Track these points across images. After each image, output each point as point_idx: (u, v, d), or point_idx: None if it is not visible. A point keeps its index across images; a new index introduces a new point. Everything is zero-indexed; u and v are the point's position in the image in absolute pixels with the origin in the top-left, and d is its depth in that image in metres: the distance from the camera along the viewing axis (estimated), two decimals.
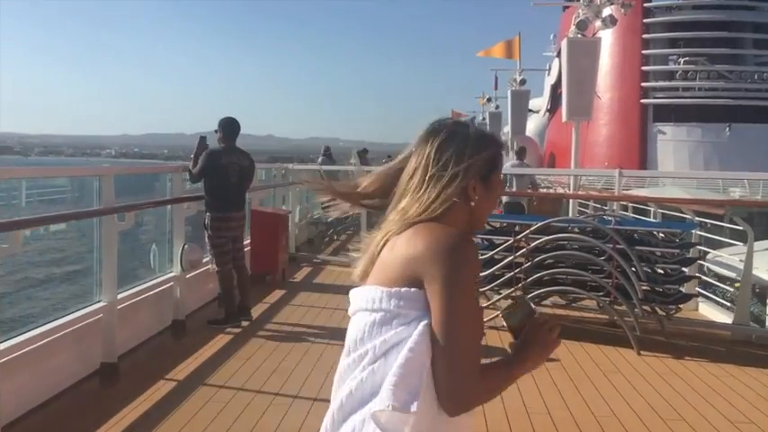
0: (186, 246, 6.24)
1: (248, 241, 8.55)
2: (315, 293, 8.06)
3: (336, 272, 9.56)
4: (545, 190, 20.47)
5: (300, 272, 9.53)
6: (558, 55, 52.66)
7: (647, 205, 9.50)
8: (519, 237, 6.15)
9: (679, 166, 39.37)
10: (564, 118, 11.00)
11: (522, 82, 19.56)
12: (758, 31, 43.28)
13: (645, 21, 42.93)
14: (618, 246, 5.70)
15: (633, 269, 5.63)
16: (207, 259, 6.58)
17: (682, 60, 42.96)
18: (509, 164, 17.72)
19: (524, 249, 6.11)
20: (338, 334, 6.59)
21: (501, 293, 6.37)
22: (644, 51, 43.35)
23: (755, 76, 42.25)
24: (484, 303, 6.58)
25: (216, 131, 6.46)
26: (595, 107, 42.83)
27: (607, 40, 48.80)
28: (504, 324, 1.61)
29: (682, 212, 8.23)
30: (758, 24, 43.33)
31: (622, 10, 11.02)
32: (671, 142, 41.70)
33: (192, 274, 6.53)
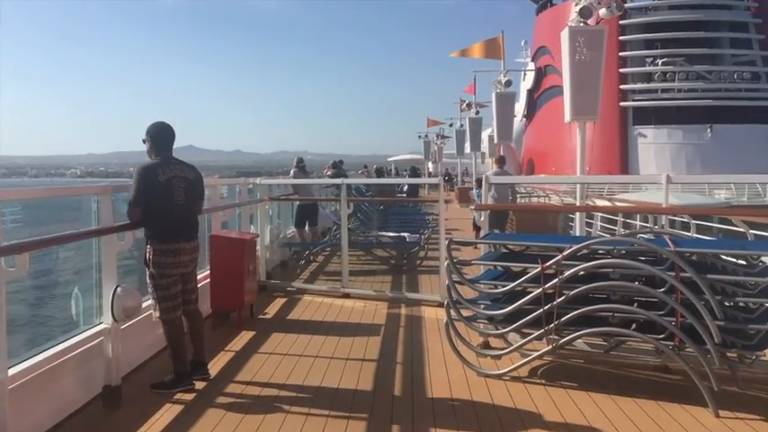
0: (119, 289, 4.78)
1: (206, 272, 7.11)
2: (290, 334, 6.63)
3: (315, 303, 8.15)
4: (525, 200, 19.35)
5: (272, 305, 8.08)
6: (534, 59, 52.15)
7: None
8: (550, 263, 4.78)
9: (661, 169, 38.53)
10: (567, 118, 9.69)
11: (508, 83, 18.35)
12: (735, 30, 42.88)
13: (621, 22, 42.25)
14: (683, 274, 4.37)
15: (705, 304, 4.28)
16: (148, 303, 5.13)
17: (660, 62, 42.32)
18: (490, 172, 16.54)
19: (556, 280, 4.76)
20: (321, 394, 5.12)
21: (528, 335, 5.01)
22: (621, 53, 42.64)
23: (734, 76, 41.74)
24: (507, 348, 5.23)
25: (144, 141, 5.04)
26: None
27: None
28: None
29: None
30: (734, 23, 42.95)
31: None
32: (652, 145, 40.97)
33: (129, 323, 5.06)
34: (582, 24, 9.64)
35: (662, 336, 4.49)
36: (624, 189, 20.39)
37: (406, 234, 11.69)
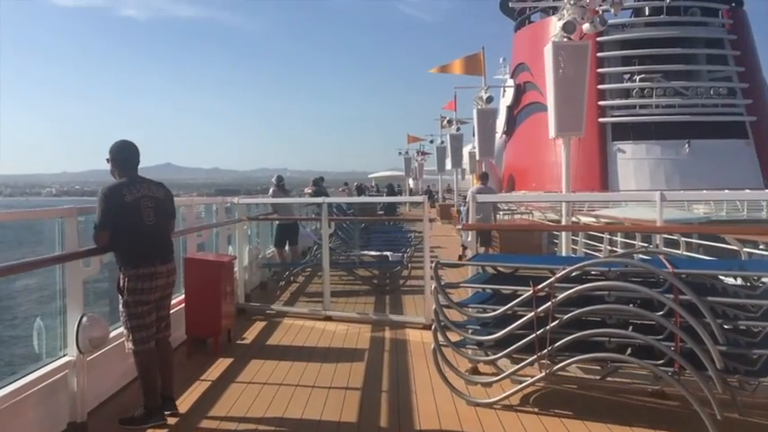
0: (84, 318, 4.47)
1: (180, 297, 6.79)
2: (270, 361, 6.33)
3: (296, 326, 7.86)
4: (508, 217, 19.21)
5: (251, 329, 7.77)
6: (513, 76, 52.42)
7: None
8: (542, 286, 4.56)
9: (640, 185, 38.80)
10: (551, 134, 9.54)
11: (489, 100, 18.26)
12: (710, 46, 43.43)
13: (598, 39, 42.57)
14: (682, 296, 4.16)
15: (706, 328, 4.07)
16: (119, 332, 4.81)
17: (637, 78, 42.69)
18: (473, 189, 16.40)
19: (549, 303, 4.53)
20: (303, 427, 4.65)
21: (519, 361, 4.77)
22: (599, 69, 42.93)
23: (711, 92, 42.20)
24: (497, 376, 4.98)
25: (108, 161, 4.76)
26: None
27: None
28: None
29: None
30: (710, 40, 43.51)
31: (611, 10, 9.67)
32: (631, 161, 41.19)
33: (96, 354, 4.75)
34: (565, 39, 9.54)
35: (661, 361, 4.27)
36: (605, 204, 20.33)
37: (388, 253, 11.45)
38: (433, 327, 5.11)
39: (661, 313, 4.23)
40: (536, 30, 48.74)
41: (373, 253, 11.71)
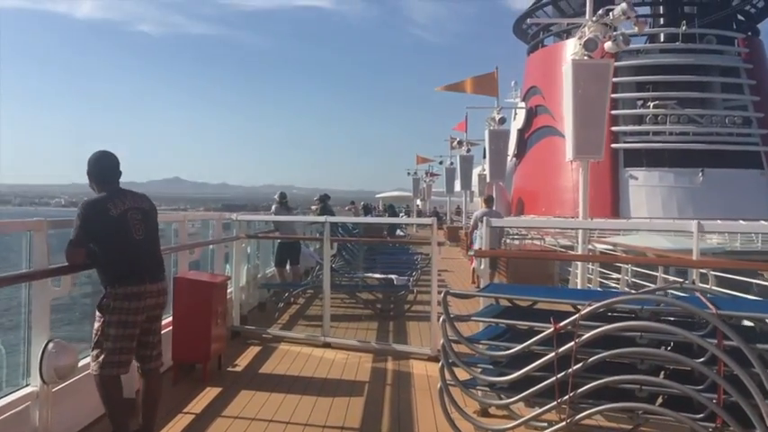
0: (50, 344, 3.99)
1: (168, 319, 6.30)
2: (261, 392, 5.82)
3: (292, 353, 7.35)
4: (518, 242, 18.64)
5: (245, 354, 7.26)
6: (524, 99, 52.06)
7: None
8: (565, 323, 4.05)
9: (653, 213, 38.16)
10: (569, 156, 9.07)
11: (502, 121, 17.80)
12: (726, 74, 42.96)
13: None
14: (727, 341, 3.64)
15: (754, 379, 3.55)
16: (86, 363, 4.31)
17: (651, 104, 42.21)
18: (478, 212, 15.86)
19: (572, 343, 4.02)
20: None
21: (536, 406, 4.25)
22: (612, 95, 42.43)
23: (726, 120, 41.67)
24: (510, 421, 4.46)
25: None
26: (564, 152, 41.85)
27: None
28: None
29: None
30: (726, 68, 43.05)
31: (635, 29, 9.24)
32: (643, 188, 40.59)
33: (63, 385, 4.26)
34: (586, 58, 9.09)
35: (700, 415, 3.74)
36: (615, 232, 19.75)
37: (393, 276, 10.93)
38: (440, 363, 4.59)
39: (702, 360, 3.71)
40: (549, 53, 48.45)
41: (378, 276, 11.19)
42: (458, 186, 35.50)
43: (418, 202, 56.45)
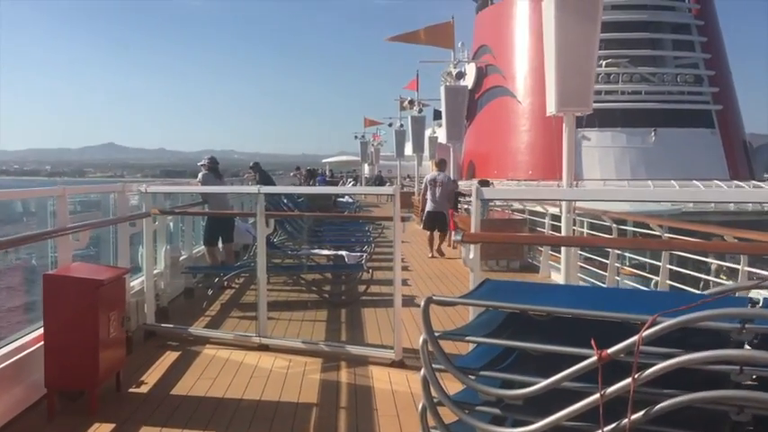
0: None
1: (39, 332, 4.66)
2: (171, 428, 4.27)
3: (218, 361, 5.79)
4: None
5: (156, 366, 5.64)
6: (474, 59, 50.59)
7: None
8: (618, 349, 2.58)
9: (605, 174, 37.51)
10: (550, 109, 7.58)
11: (459, 75, 16.26)
12: (677, 31, 42.33)
13: None
14: None
15: None
16: None
17: (603, 63, 41.28)
18: (428, 176, 14.32)
19: (630, 380, 2.56)
20: None
21: None
22: None
23: (677, 79, 41.13)
24: None
25: None
26: (516, 113, 40.85)
27: (524, 41, 46.99)
28: None
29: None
30: (677, 25, 42.39)
31: None
32: (596, 149, 39.82)
33: None
34: None
35: None
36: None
37: (344, 253, 9.38)
38: (420, 407, 3.10)
39: None
40: (499, 11, 47.07)
41: (326, 252, 9.63)
42: (408, 150, 33.96)
43: (365, 167, 54.65)
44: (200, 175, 9.71)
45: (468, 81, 49.24)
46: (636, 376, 2.58)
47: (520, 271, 11.55)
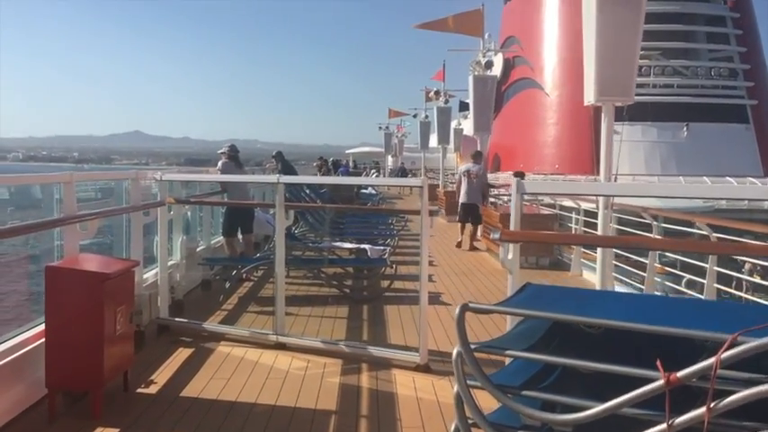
0: None
1: (40, 329, 4.36)
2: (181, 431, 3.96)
3: (233, 360, 5.48)
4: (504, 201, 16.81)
5: (166, 365, 5.32)
6: (502, 49, 49.79)
7: None
8: (691, 372, 2.19)
9: (635, 169, 36.59)
10: (589, 98, 7.18)
11: (489, 65, 15.77)
12: (711, 24, 41.16)
13: None
14: None
15: None
16: None
17: None
18: (462, 168, 13.99)
19: (704, 409, 2.17)
20: None
21: None
22: None
23: (711, 72, 40.03)
24: None
25: None
26: (544, 105, 39.95)
27: (553, 33, 46.11)
28: None
29: None
30: (711, 17, 41.22)
31: None
32: (625, 143, 38.84)
33: None
34: None
35: None
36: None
37: (366, 246, 9.02)
38: (451, 430, 2.73)
39: None
40: (528, 1, 46.19)
41: (348, 245, 9.26)
42: (433, 141, 33.44)
43: (389, 158, 54.11)
44: (219, 164, 9.38)
45: (495, 72, 48.59)
46: (711, 405, 2.20)
47: (550, 268, 11.12)
